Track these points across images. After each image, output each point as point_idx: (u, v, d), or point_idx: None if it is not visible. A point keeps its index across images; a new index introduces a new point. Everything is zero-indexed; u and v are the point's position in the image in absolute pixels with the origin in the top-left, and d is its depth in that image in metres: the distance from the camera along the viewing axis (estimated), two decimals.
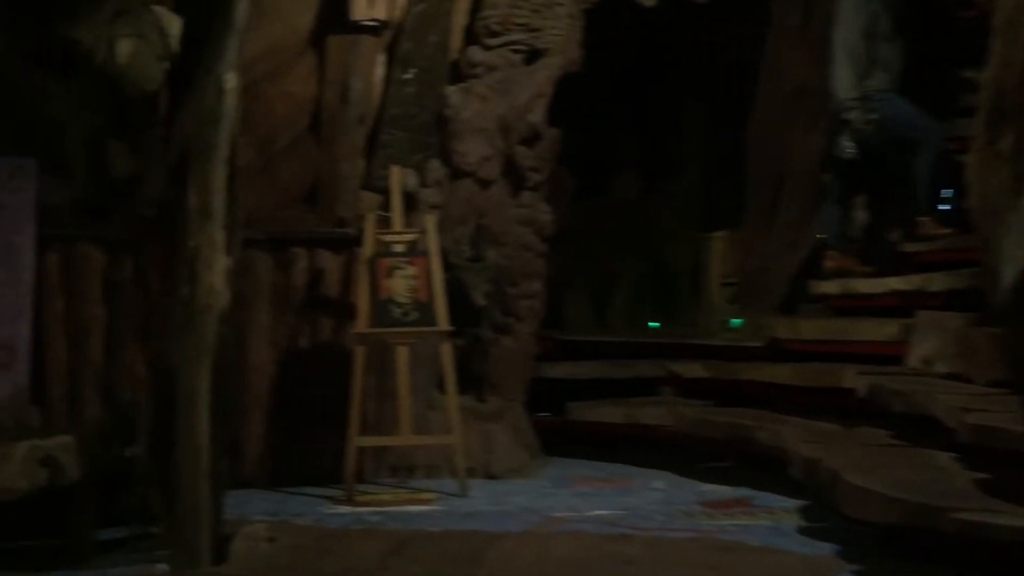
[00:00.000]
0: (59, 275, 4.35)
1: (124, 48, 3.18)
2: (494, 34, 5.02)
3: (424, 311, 4.42)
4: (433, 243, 4.57)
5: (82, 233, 4.21)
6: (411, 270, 4.47)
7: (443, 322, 4.43)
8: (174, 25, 3.34)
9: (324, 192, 4.71)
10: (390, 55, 4.77)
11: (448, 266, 4.91)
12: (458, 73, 5.02)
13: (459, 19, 5.00)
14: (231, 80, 3.41)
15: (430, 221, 4.65)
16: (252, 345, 4.55)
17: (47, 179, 4.10)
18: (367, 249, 4.51)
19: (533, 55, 5.21)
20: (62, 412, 4.34)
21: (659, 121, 7.65)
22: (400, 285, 4.43)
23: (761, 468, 4.35)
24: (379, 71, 4.76)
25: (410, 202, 4.85)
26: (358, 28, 4.57)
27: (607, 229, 7.26)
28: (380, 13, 4.58)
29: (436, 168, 4.97)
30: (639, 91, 7.36)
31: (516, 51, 5.13)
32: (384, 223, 4.64)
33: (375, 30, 4.62)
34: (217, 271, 3.31)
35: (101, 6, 3.21)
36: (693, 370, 5.35)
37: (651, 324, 7.69)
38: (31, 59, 3.95)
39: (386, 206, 4.84)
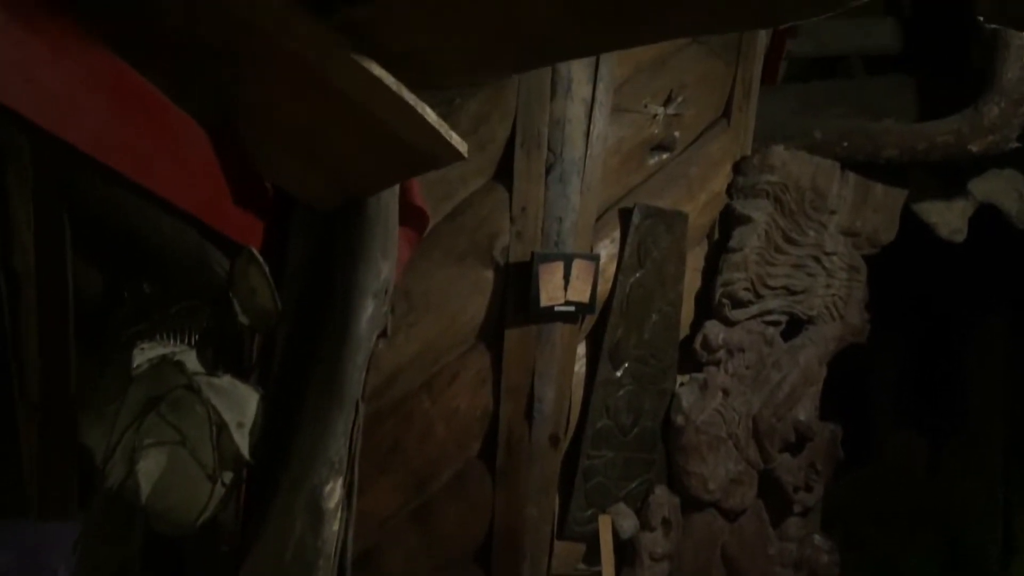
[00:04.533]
0: None
1: (149, 465, 1.87)
2: (740, 303, 3.51)
3: None
4: None
5: None
6: None
7: None
8: (247, 407, 2.01)
9: (502, 546, 3.23)
10: (593, 347, 3.34)
11: None
12: (690, 361, 3.52)
13: (691, 283, 3.54)
14: (333, 495, 2.02)
15: None
16: None
17: None
18: None
19: (796, 326, 3.68)
20: None
21: (944, 354, 5.88)
22: None
23: None
24: (578, 370, 3.33)
25: (627, 553, 3.34)
26: (547, 316, 3.16)
27: (882, 508, 5.53)
28: (579, 294, 3.16)
29: (662, 499, 3.44)
30: (913, 320, 5.67)
31: (772, 323, 3.62)
32: None
33: (571, 316, 3.21)
34: None
35: (123, 388, 1.93)
36: None
37: None
38: None
39: (591, 558, 3.35)
